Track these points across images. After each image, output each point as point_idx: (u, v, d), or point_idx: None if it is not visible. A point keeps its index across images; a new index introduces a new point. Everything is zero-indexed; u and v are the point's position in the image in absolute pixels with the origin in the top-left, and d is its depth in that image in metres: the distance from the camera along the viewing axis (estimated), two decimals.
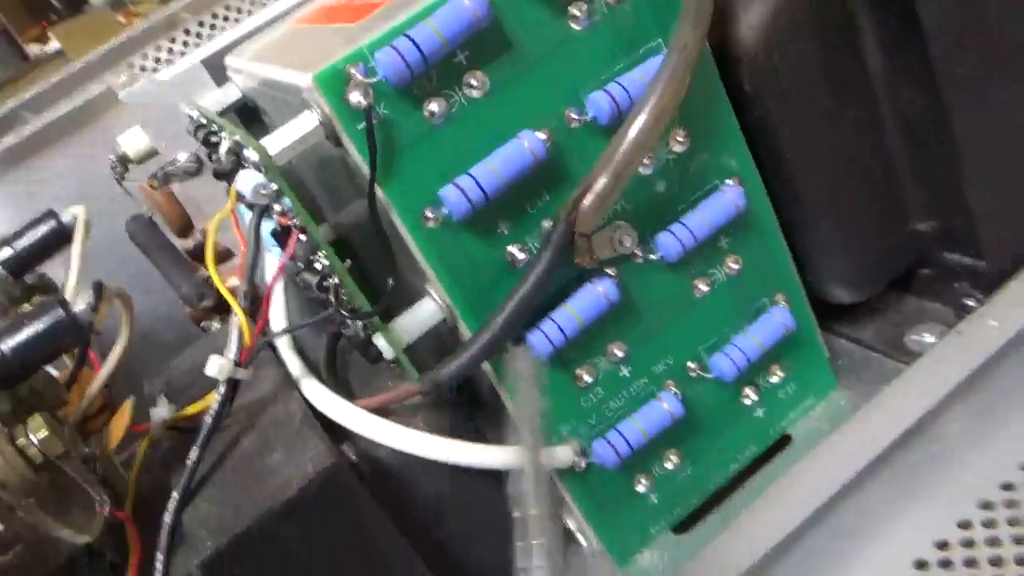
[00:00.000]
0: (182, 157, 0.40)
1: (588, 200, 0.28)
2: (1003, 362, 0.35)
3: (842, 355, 0.39)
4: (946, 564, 0.33)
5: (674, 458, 0.35)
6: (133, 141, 0.42)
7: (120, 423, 0.28)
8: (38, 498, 0.25)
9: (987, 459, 0.35)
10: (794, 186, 0.34)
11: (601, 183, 0.28)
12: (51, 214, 0.38)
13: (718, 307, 0.34)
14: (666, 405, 0.33)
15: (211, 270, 0.30)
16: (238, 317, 0.29)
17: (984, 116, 0.33)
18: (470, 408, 0.33)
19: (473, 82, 0.27)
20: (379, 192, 0.27)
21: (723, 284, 0.33)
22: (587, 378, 0.32)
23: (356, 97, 0.26)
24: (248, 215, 0.36)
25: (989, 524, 0.33)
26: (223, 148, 0.31)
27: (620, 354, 0.32)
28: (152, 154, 0.42)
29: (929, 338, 0.37)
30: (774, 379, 0.36)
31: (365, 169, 0.27)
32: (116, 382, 0.33)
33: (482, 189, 0.27)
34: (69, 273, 0.35)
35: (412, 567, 0.29)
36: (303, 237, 0.29)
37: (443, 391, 0.29)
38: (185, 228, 0.42)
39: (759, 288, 0.34)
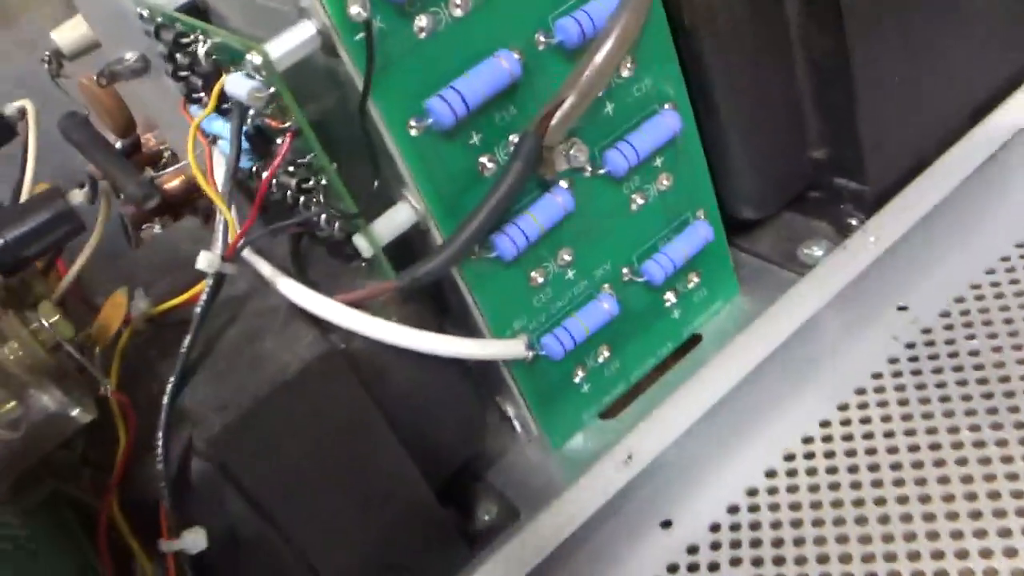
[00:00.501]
0: (129, 55, 0.40)
1: (557, 117, 0.31)
2: (877, 271, 0.41)
3: (743, 265, 0.44)
4: (828, 439, 0.39)
5: (605, 352, 0.39)
6: (68, 36, 0.41)
7: (116, 312, 0.30)
8: (50, 378, 0.27)
9: (859, 354, 0.42)
10: (716, 114, 0.39)
11: (569, 102, 0.31)
12: None
13: (650, 219, 0.38)
14: (605, 305, 0.37)
15: (200, 177, 0.31)
16: (223, 214, 0.31)
17: (878, 58, 0.38)
18: (435, 304, 0.36)
19: (458, 1, 0.30)
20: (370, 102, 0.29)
21: (655, 199, 0.38)
22: (540, 279, 0.36)
23: (356, 9, 0.27)
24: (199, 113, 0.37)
25: (863, 406, 0.40)
26: (201, 50, 0.32)
27: (568, 258, 0.36)
28: (88, 50, 0.42)
29: (818, 251, 0.43)
30: (691, 285, 0.41)
31: (357, 79, 0.29)
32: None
33: (465, 102, 0.30)
34: (25, 170, 0.35)
35: (390, 446, 0.32)
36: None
37: (419, 287, 0.32)
38: (128, 128, 0.42)
39: (685, 204, 0.39)
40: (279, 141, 0.33)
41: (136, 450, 0.30)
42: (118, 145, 0.46)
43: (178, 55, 0.35)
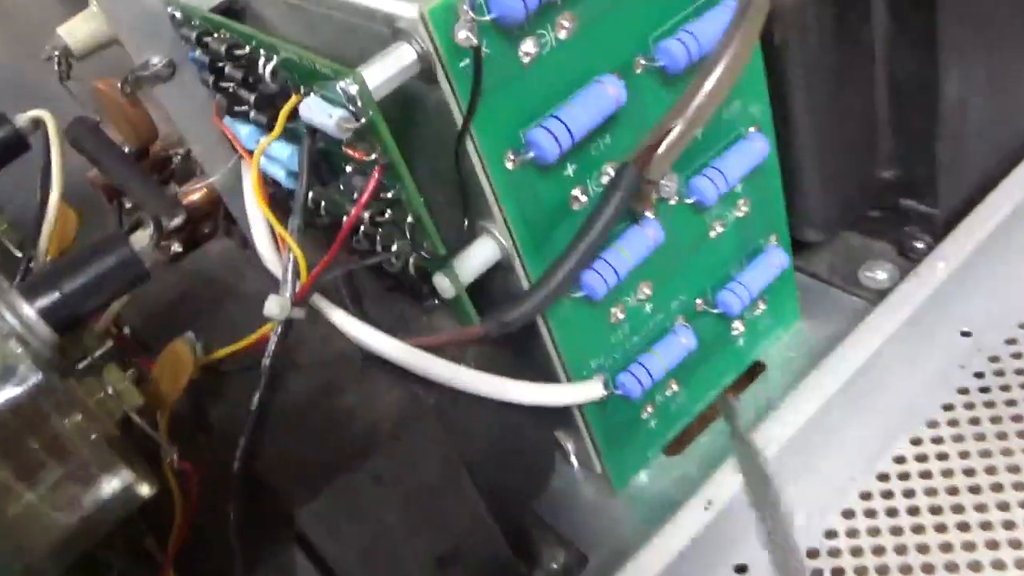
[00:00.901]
0: (156, 60, 0.36)
1: (663, 148, 0.29)
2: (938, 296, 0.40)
3: (802, 288, 0.42)
4: (904, 477, 0.38)
5: (674, 386, 0.37)
6: (79, 32, 0.37)
7: (180, 369, 0.26)
8: (115, 453, 0.23)
9: (927, 384, 0.40)
10: (792, 134, 0.36)
11: (676, 132, 0.28)
12: (1, 118, 0.34)
13: (726, 247, 0.36)
14: (683, 339, 0.35)
15: (266, 209, 0.28)
16: (293, 251, 0.28)
17: (963, 80, 0.36)
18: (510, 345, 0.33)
19: (565, 22, 0.27)
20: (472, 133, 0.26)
21: (732, 225, 0.35)
22: (620, 315, 0.33)
23: (465, 34, 0.24)
24: (243, 129, 0.34)
25: (937, 440, 0.38)
26: (268, 67, 0.28)
27: (648, 292, 0.34)
28: (102, 47, 0.38)
29: (881, 275, 0.41)
30: (757, 312, 0.39)
31: (454, 108, 0.26)
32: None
33: (571, 133, 0.27)
34: (51, 192, 0.31)
35: (471, 500, 0.29)
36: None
37: (507, 332, 0.29)
38: (150, 140, 0.38)
39: (759, 229, 0.37)
40: (348, 168, 0.30)
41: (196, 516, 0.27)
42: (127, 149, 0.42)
43: (228, 67, 0.31)
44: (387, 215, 0.29)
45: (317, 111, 0.26)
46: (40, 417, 0.22)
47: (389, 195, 0.28)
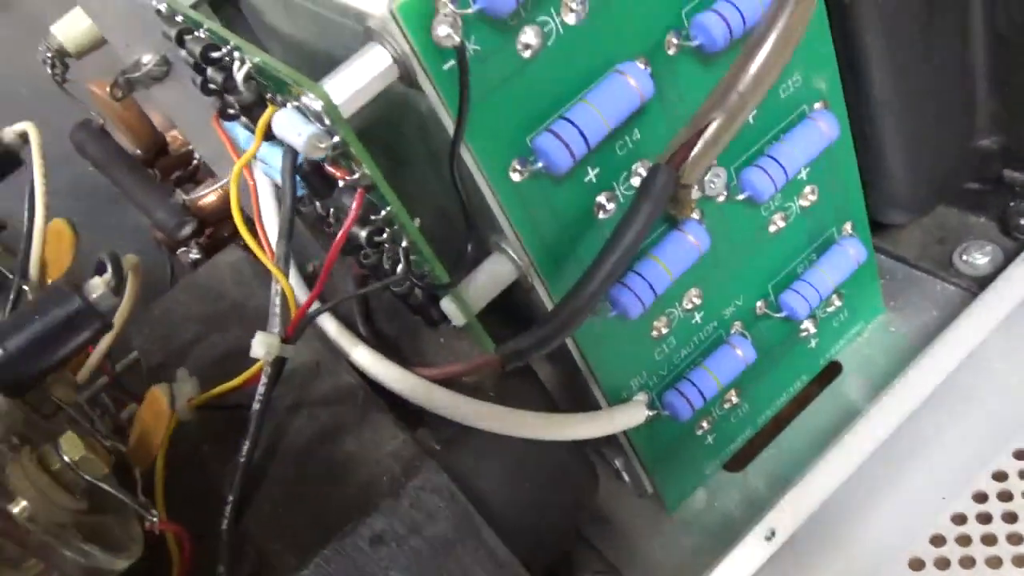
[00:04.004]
0: (147, 58, 0.33)
1: (699, 146, 0.24)
2: None
3: (885, 273, 0.37)
4: (1006, 497, 0.33)
5: (733, 398, 0.33)
6: (74, 30, 0.34)
7: (157, 424, 0.24)
8: (79, 528, 0.21)
9: None
10: (872, 104, 0.31)
11: (715, 126, 0.24)
12: None
13: (790, 241, 0.31)
14: (740, 351, 0.30)
15: (247, 236, 0.25)
16: (281, 284, 0.25)
17: None
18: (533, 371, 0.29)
19: (573, 4, 0.22)
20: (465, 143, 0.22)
21: (797, 217, 0.31)
22: (663, 329, 0.29)
23: (445, 31, 0.20)
24: (241, 133, 0.31)
25: None
26: (239, 73, 0.25)
27: (697, 301, 0.29)
28: (96, 46, 0.35)
29: (981, 259, 0.35)
30: (831, 309, 0.34)
31: (444, 116, 0.22)
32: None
33: (585, 138, 0.23)
34: (35, 213, 0.29)
35: (493, 548, 0.26)
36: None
37: (523, 361, 0.26)
38: (152, 142, 0.35)
39: (830, 218, 0.32)
40: (339, 184, 0.26)
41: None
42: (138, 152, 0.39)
43: (209, 70, 0.28)
44: (385, 235, 0.25)
45: (288, 127, 0.22)
46: None
47: (383, 213, 0.24)
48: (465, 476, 0.26)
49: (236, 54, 0.26)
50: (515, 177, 0.24)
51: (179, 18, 0.29)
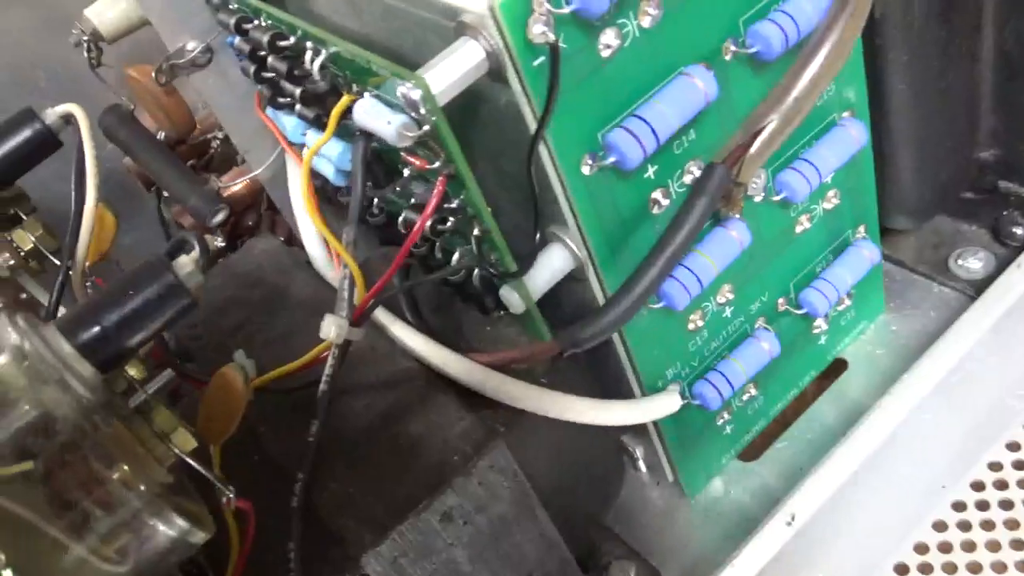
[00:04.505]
0: (191, 45, 0.33)
1: (755, 147, 0.25)
2: None
3: (884, 276, 0.39)
4: (1002, 486, 0.35)
5: (752, 390, 0.34)
6: (109, 14, 0.34)
7: (232, 402, 0.24)
8: (166, 502, 0.21)
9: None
10: (889, 116, 0.33)
11: (771, 129, 0.25)
12: (30, 115, 0.31)
13: (812, 242, 0.33)
14: (765, 344, 0.32)
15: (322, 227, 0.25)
16: (351, 269, 0.25)
17: None
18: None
19: (650, 9, 0.23)
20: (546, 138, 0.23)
21: (820, 219, 0.32)
22: (699, 322, 0.30)
23: (540, 29, 0.22)
24: (287, 120, 0.31)
25: None
26: (315, 62, 0.26)
27: (729, 296, 0.31)
28: (132, 30, 0.35)
29: (975, 263, 0.38)
30: (841, 307, 0.36)
31: (526, 110, 0.23)
32: None
33: (656, 135, 0.24)
34: (87, 195, 0.29)
35: (544, 528, 0.27)
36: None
37: (580, 349, 0.27)
38: (188, 130, 0.36)
39: (848, 221, 0.34)
40: (406, 172, 0.27)
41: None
42: (161, 136, 0.39)
43: (271, 58, 0.28)
44: (449, 223, 0.26)
45: (374, 116, 0.23)
46: (85, 468, 0.21)
47: (452, 204, 0.25)
48: (521, 458, 0.27)
49: (308, 43, 0.26)
50: (585, 171, 0.25)
51: (234, 6, 0.30)
